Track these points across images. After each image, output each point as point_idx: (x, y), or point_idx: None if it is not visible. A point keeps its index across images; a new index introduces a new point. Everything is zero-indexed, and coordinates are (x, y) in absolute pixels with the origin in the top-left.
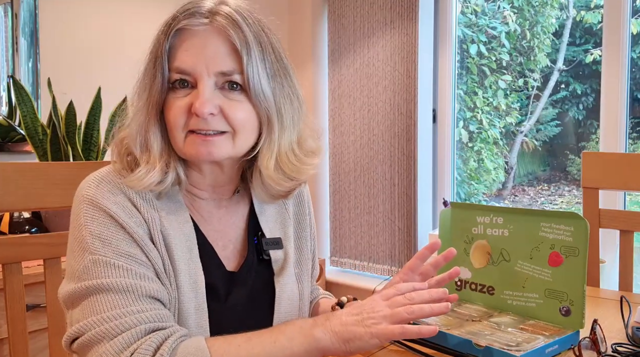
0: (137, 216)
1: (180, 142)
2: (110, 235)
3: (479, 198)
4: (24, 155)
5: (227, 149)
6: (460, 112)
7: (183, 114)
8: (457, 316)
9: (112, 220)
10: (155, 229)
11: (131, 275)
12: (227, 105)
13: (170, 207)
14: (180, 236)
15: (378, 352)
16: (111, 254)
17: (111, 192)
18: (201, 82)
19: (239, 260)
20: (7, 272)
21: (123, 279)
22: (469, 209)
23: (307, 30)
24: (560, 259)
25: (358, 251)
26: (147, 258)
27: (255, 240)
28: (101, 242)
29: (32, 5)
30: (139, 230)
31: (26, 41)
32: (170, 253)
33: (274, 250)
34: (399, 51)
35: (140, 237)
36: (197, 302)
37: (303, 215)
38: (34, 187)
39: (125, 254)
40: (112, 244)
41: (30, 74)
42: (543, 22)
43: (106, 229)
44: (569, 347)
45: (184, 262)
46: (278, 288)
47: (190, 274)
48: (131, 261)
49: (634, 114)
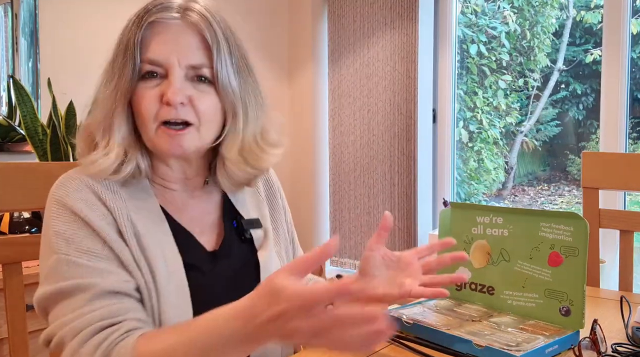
0: (101, 209)
1: (151, 133)
2: (73, 232)
3: (479, 198)
4: (24, 155)
5: (194, 141)
6: (460, 112)
7: (154, 103)
8: (457, 316)
9: (75, 216)
10: (122, 218)
11: (90, 272)
12: (195, 96)
13: (138, 197)
14: (150, 223)
15: (377, 352)
16: (73, 251)
17: (76, 189)
18: (172, 73)
19: (217, 241)
20: (7, 272)
21: (81, 279)
22: (469, 209)
23: (307, 30)
24: (560, 259)
25: (358, 251)
26: (111, 250)
27: (234, 224)
28: (64, 240)
29: (32, 6)
30: (102, 223)
31: (26, 41)
32: (141, 240)
33: (254, 229)
34: (399, 51)
35: (103, 229)
36: (177, 282)
37: (275, 198)
38: (34, 187)
39: (87, 251)
40: (75, 242)
41: (30, 74)
42: (543, 22)
43: (69, 227)
44: (569, 347)
45: (157, 246)
46: (262, 260)
47: (166, 256)
48: (92, 256)
49: (634, 114)
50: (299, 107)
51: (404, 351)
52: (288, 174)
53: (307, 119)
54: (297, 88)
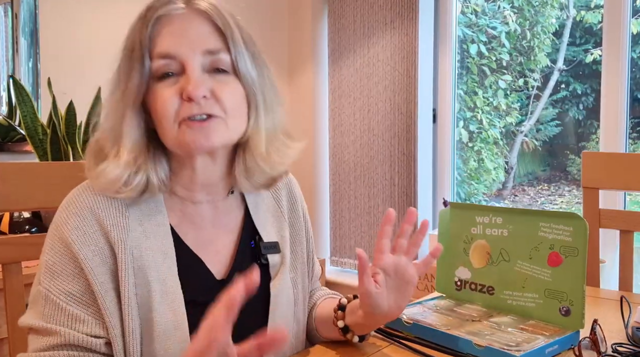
0: (99, 242)
1: (173, 133)
2: (60, 268)
3: (479, 198)
4: (24, 155)
5: (223, 133)
6: (461, 112)
7: (173, 101)
8: (457, 316)
9: (67, 250)
10: (124, 253)
11: (63, 318)
12: (217, 87)
13: (149, 219)
14: (157, 254)
15: (377, 352)
16: (54, 289)
17: (77, 214)
18: (189, 64)
19: (229, 266)
20: (7, 272)
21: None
22: (468, 209)
23: (307, 30)
24: (559, 259)
25: None
26: (92, 295)
27: (252, 244)
28: (50, 274)
29: (32, 5)
30: (94, 261)
31: (26, 41)
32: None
33: (272, 254)
34: (399, 51)
35: (92, 271)
36: (175, 322)
37: (297, 217)
38: (34, 187)
39: (68, 292)
40: (60, 278)
41: (30, 74)
42: (543, 22)
43: (59, 260)
44: (569, 347)
45: (158, 282)
46: (274, 293)
47: (168, 293)
48: (71, 300)
49: (634, 114)
50: (299, 107)
51: (404, 351)
52: None
53: (307, 119)
54: (297, 88)
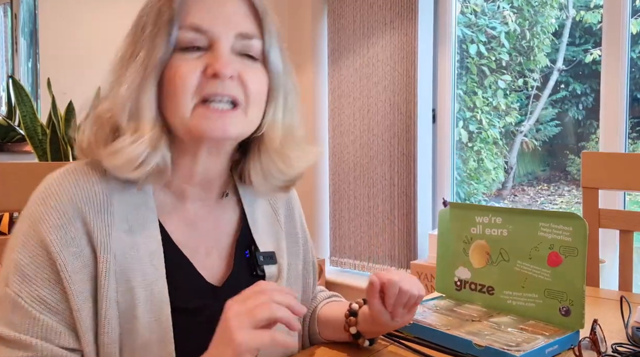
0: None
1: (186, 112)
2: (33, 271)
3: (478, 198)
4: (23, 156)
5: (241, 125)
6: (460, 112)
7: (194, 75)
8: (457, 316)
9: (43, 251)
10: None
11: (35, 329)
12: (245, 71)
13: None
14: (143, 254)
15: (377, 353)
16: (26, 295)
17: (58, 210)
18: (220, 41)
19: (223, 273)
20: None
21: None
22: (468, 209)
23: (307, 30)
24: (559, 259)
25: (358, 251)
26: (69, 306)
27: (247, 254)
28: (21, 277)
29: (31, 6)
30: (74, 265)
31: (26, 41)
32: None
33: (268, 265)
34: (398, 51)
35: (70, 276)
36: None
37: (294, 227)
38: (34, 187)
39: (41, 300)
40: (32, 283)
41: (29, 74)
42: (543, 22)
43: (33, 262)
44: (569, 347)
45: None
46: None
47: (153, 300)
48: (44, 308)
49: (634, 114)
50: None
51: (404, 351)
52: None
53: (307, 119)
54: None
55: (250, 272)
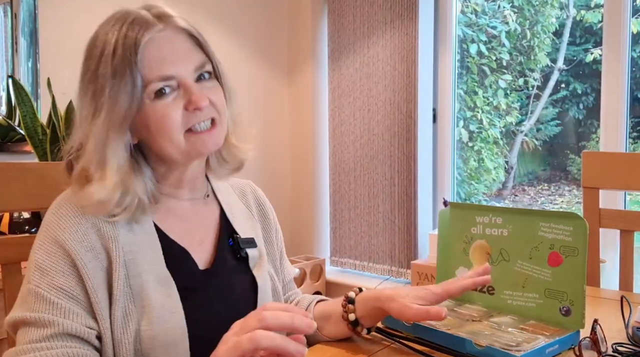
0: (90, 239)
1: (179, 144)
2: (50, 265)
3: (479, 198)
4: (23, 156)
5: (222, 134)
6: (461, 111)
7: (179, 114)
8: (457, 316)
9: (59, 248)
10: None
11: (55, 310)
12: (210, 93)
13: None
14: (145, 249)
15: (378, 352)
16: (45, 285)
17: (68, 216)
18: (186, 80)
19: (211, 258)
20: (6, 272)
21: (45, 314)
22: (468, 209)
23: (307, 30)
24: (559, 259)
25: (358, 251)
26: (84, 290)
27: (230, 242)
28: (40, 272)
29: (31, 5)
30: (87, 255)
31: (26, 41)
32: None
33: (250, 248)
34: (399, 51)
35: (85, 265)
36: (172, 306)
37: (267, 218)
38: (34, 187)
39: (59, 287)
40: (50, 275)
41: (29, 74)
42: (543, 22)
43: (49, 258)
44: (569, 347)
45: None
46: (260, 283)
47: (160, 281)
48: (62, 294)
49: (634, 113)
50: (299, 106)
51: (404, 351)
52: (288, 174)
53: (307, 118)
54: (297, 88)
55: (235, 256)
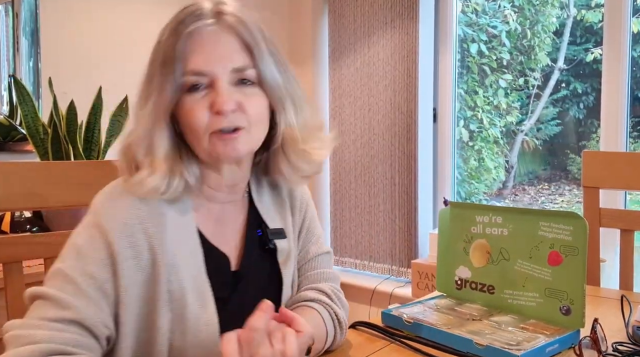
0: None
1: (204, 144)
2: (89, 251)
3: (479, 197)
4: (25, 155)
5: (247, 143)
6: (461, 111)
7: (203, 114)
8: (457, 315)
9: (102, 236)
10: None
11: (78, 295)
12: (244, 100)
13: (180, 223)
14: (187, 255)
15: (378, 352)
16: (78, 269)
17: (118, 207)
18: (218, 80)
19: (240, 256)
20: (7, 271)
21: (69, 296)
22: (468, 208)
23: (307, 30)
24: (559, 259)
25: (359, 250)
26: (115, 286)
27: (259, 232)
28: (76, 255)
29: (32, 5)
30: (127, 251)
31: (27, 40)
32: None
33: (279, 240)
34: (399, 50)
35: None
36: (207, 318)
37: (299, 212)
38: (35, 186)
39: (90, 274)
40: (85, 260)
41: (31, 74)
42: (544, 21)
43: (90, 244)
44: (569, 346)
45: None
46: (286, 278)
47: (199, 291)
48: (91, 282)
49: (635, 113)
50: None
51: (404, 350)
52: None
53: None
54: None
55: (262, 249)
